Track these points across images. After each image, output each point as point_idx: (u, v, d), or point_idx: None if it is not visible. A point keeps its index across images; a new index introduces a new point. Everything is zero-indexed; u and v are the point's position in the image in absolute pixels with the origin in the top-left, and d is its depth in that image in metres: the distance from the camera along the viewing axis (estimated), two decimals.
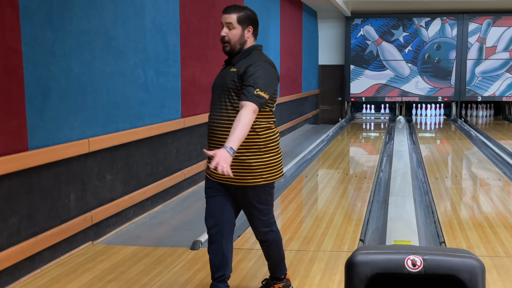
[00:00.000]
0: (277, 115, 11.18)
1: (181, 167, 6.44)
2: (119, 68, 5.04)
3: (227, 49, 3.23)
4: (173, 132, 6.18)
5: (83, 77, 4.47)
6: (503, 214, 5.54)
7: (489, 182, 7.11)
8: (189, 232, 4.95)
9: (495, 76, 15.38)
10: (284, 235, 4.95)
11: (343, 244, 4.59)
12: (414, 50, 15.50)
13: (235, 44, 3.20)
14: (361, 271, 1.80)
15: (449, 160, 9.23)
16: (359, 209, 5.77)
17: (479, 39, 15.33)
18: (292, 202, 6.16)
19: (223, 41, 3.21)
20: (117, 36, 4.98)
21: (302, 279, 3.82)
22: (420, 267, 1.78)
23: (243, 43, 3.22)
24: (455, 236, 4.80)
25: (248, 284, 3.78)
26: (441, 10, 15.15)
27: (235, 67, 3.16)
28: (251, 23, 3.27)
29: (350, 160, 9.38)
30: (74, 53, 4.33)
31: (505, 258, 4.23)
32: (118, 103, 5.04)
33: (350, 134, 12.76)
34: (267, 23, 10.31)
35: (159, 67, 5.81)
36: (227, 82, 3.18)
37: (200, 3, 6.92)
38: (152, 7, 5.63)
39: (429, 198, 6.23)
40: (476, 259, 1.80)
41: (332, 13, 15.31)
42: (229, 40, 3.19)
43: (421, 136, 12.29)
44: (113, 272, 4.00)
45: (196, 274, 3.96)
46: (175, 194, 6.31)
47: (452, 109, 15.76)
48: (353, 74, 15.74)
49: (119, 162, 5.09)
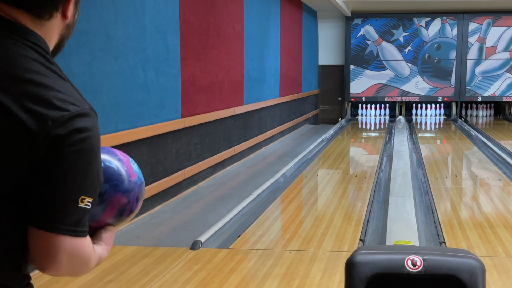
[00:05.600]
0: (277, 115, 11.19)
1: (181, 167, 6.44)
2: (119, 68, 5.04)
3: None
4: (173, 132, 6.18)
5: (83, 77, 4.47)
6: (503, 214, 5.54)
7: (489, 182, 7.11)
8: (189, 232, 4.95)
9: (495, 76, 15.38)
10: (284, 235, 4.95)
11: (343, 244, 4.59)
12: (414, 50, 15.49)
13: None
14: (361, 271, 1.80)
15: (449, 160, 9.23)
16: (359, 209, 5.77)
17: (479, 39, 15.32)
18: (292, 202, 6.16)
19: None
20: (117, 36, 4.98)
21: (302, 279, 3.82)
22: (420, 267, 1.78)
23: None
24: (455, 236, 4.80)
25: (248, 284, 3.78)
26: (441, 10, 15.14)
27: None
28: None
29: (350, 160, 9.38)
30: (74, 53, 4.33)
31: (505, 258, 4.22)
32: (118, 103, 5.04)
33: (350, 134, 12.76)
34: (267, 23, 10.31)
35: (159, 67, 5.81)
36: None
37: (200, 3, 6.92)
38: (152, 7, 5.63)
39: (429, 198, 6.22)
40: (476, 259, 1.80)
41: (332, 13, 15.31)
42: None
43: (421, 136, 12.29)
44: (113, 272, 4.00)
45: (196, 274, 3.96)
46: (175, 194, 6.31)
47: (452, 109, 15.76)
48: (353, 74, 15.74)
49: None
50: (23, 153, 1.10)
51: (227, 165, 8.11)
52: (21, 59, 1.14)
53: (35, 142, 1.09)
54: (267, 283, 3.75)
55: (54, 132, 1.10)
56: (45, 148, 1.10)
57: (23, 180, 1.11)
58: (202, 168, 7.05)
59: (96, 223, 1.30)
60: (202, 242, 4.51)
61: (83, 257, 1.20)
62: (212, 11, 7.31)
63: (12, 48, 1.14)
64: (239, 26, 8.55)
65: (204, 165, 7.12)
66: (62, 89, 1.15)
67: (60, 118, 1.10)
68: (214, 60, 7.45)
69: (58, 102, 1.11)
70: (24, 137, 1.09)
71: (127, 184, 1.30)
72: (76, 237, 1.16)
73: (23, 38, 1.17)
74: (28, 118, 1.09)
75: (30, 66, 1.14)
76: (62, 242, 1.14)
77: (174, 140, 6.23)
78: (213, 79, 7.42)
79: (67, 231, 1.14)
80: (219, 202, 6.22)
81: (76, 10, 1.28)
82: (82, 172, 1.14)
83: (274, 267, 4.03)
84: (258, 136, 9.80)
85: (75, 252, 1.17)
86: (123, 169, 1.31)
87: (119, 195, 1.29)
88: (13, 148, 1.10)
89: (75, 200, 1.14)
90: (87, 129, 1.13)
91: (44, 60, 1.17)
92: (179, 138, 6.36)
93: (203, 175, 7.16)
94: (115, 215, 1.32)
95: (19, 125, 1.09)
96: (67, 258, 1.16)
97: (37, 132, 1.09)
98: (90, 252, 1.22)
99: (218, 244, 4.63)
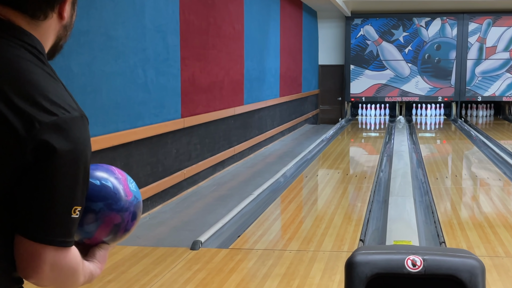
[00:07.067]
0: (277, 115, 11.19)
1: (181, 167, 6.44)
2: (119, 68, 5.04)
3: None
4: (173, 132, 6.18)
5: (83, 77, 4.47)
6: (503, 214, 5.54)
7: (489, 182, 7.11)
8: (189, 232, 4.95)
9: (495, 76, 15.38)
10: (284, 235, 4.95)
11: (343, 244, 4.59)
12: (414, 50, 15.49)
13: None
14: (361, 271, 1.80)
15: (449, 160, 9.23)
16: (359, 209, 5.77)
17: (479, 39, 15.32)
18: (292, 202, 6.16)
19: None
20: (117, 36, 4.98)
21: (302, 279, 3.82)
22: (420, 267, 1.78)
23: None
24: (455, 236, 4.80)
25: (248, 284, 3.78)
26: (441, 10, 15.14)
27: None
28: None
29: (350, 160, 9.38)
30: (74, 53, 4.33)
31: (505, 258, 4.22)
32: (118, 103, 5.04)
33: (350, 134, 12.76)
34: (267, 23, 10.31)
35: (159, 67, 5.81)
36: None
37: (200, 3, 6.92)
38: (152, 7, 5.63)
39: (429, 198, 6.22)
40: (476, 259, 1.80)
41: (332, 13, 15.31)
42: None
43: (421, 136, 12.29)
44: (113, 272, 4.00)
45: (196, 274, 3.96)
46: (175, 194, 6.31)
47: (452, 109, 15.76)
48: (353, 74, 15.74)
49: (118, 162, 5.09)
50: (10, 155, 1.07)
51: (227, 165, 8.11)
52: (14, 59, 1.12)
53: (22, 144, 1.07)
54: (267, 283, 3.75)
55: (41, 137, 1.07)
56: (33, 153, 1.07)
57: (11, 183, 1.08)
58: (202, 168, 7.05)
59: (90, 241, 1.30)
60: (202, 242, 4.51)
61: (69, 268, 1.16)
62: (212, 11, 7.30)
63: (4, 48, 1.13)
64: (239, 26, 8.55)
65: (204, 165, 7.12)
66: (53, 91, 1.12)
67: (48, 122, 1.08)
68: (214, 60, 7.45)
69: (47, 104, 1.09)
70: (11, 137, 1.06)
71: (122, 203, 1.30)
72: (63, 248, 1.13)
73: (17, 38, 1.15)
74: (16, 119, 1.07)
75: (23, 66, 1.12)
76: (48, 252, 1.11)
77: (174, 140, 6.23)
78: (213, 79, 7.42)
79: (58, 242, 1.12)
80: (219, 202, 6.22)
81: (73, 10, 1.27)
82: (74, 182, 1.12)
83: (274, 267, 4.03)
84: (258, 136, 9.80)
85: (62, 262, 1.14)
86: (120, 188, 1.30)
87: (113, 214, 1.29)
88: (0, 149, 1.07)
89: (69, 211, 1.12)
90: (76, 137, 1.11)
91: (37, 61, 1.15)
92: (179, 138, 6.36)
93: (203, 175, 7.16)
94: (109, 234, 1.31)
95: (6, 126, 1.07)
96: (50, 269, 1.12)
97: (24, 133, 1.07)
98: (77, 263, 1.18)
99: (218, 244, 4.63)
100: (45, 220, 1.10)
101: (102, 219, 1.28)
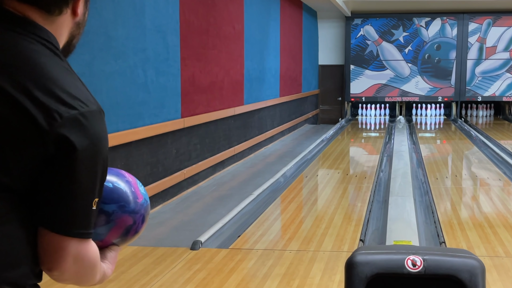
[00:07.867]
0: (277, 115, 11.19)
1: (181, 167, 6.44)
2: (119, 68, 5.04)
3: None
4: (173, 132, 6.18)
5: (83, 77, 4.44)
6: (503, 214, 5.54)
7: (489, 182, 7.11)
8: (189, 232, 4.95)
9: (495, 76, 15.38)
10: (284, 235, 4.95)
11: (343, 244, 4.59)
12: (414, 50, 15.49)
13: None
14: (361, 271, 1.80)
15: (449, 160, 9.23)
16: (359, 209, 5.77)
17: (479, 39, 15.32)
18: (292, 202, 6.16)
19: None
20: (117, 36, 4.98)
21: (302, 279, 3.82)
22: (420, 267, 1.78)
23: None
24: (455, 236, 4.80)
25: (248, 284, 3.78)
26: (441, 10, 15.14)
27: None
28: None
29: (350, 160, 9.38)
30: (74, 53, 4.32)
31: (505, 258, 4.22)
32: (118, 103, 5.04)
33: (350, 134, 12.76)
34: (267, 23, 10.31)
35: (159, 67, 5.81)
36: None
37: (200, 3, 6.92)
38: (152, 7, 5.63)
39: (429, 198, 6.22)
40: (476, 259, 1.80)
41: (332, 13, 15.31)
42: None
43: (421, 136, 12.29)
44: (113, 272, 3.99)
45: (196, 274, 3.96)
46: (175, 194, 6.31)
47: (452, 109, 15.76)
48: (353, 74, 15.74)
49: (118, 162, 5.09)
50: (32, 148, 1.08)
51: (227, 165, 8.11)
52: (31, 53, 1.13)
53: (44, 137, 1.07)
54: (267, 283, 3.75)
55: (62, 132, 1.08)
56: (55, 146, 1.08)
57: (32, 177, 1.09)
58: (202, 168, 7.05)
59: (101, 243, 1.30)
60: (202, 242, 4.51)
61: (90, 260, 1.19)
62: (212, 11, 7.30)
63: (22, 43, 1.13)
64: (239, 26, 8.55)
65: (204, 165, 7.12)
66: (72, 86, 1.14)
67: (69, 116, 1.09)
68: (214, 60, 7.45)
69: (67, 98, 1.10)
70: (34, 130, 1.07)
71: (133, 206, 1.33)
72: (85, 240, 1.16)
73: (33, 33, 1.16)
74: (37, 112, 1.07)
75: (42, 61, 1.13)
76: (71, 244, 1.13)
77: (174, 140, 6.23)
78: (213, 79, 7.42)
79: (80, 234, 1.14)
80: (219, 202, 6.22)
81: (86, 8, 1.29)
82: (94, 175, 1.14)
83: (274, 267, 4.03)
84: (258, 136, 9.80)
85: (84, 254, 1.16)
86: (131, 190, 1.33)
87: (125, 216, 1.31)
88: (22, 142, 1.08)
89: (90, 204, 1.15)
90: (95, 131, 1.13)
91: (54, 56, 1.17)
92: (179, 138, 6.36)
93: (203, 175, 7.16)
94: (121, 236, 1.34)
95: (28, 119, 1.07)
96: (74, 261, 1.15)
97: (46, 126, 1.07)
98: (97, 256, 1.21)
99: (218, 244, 4.63)
100: (68, 213, 1.12)
101: (115, 221, 1.30)
